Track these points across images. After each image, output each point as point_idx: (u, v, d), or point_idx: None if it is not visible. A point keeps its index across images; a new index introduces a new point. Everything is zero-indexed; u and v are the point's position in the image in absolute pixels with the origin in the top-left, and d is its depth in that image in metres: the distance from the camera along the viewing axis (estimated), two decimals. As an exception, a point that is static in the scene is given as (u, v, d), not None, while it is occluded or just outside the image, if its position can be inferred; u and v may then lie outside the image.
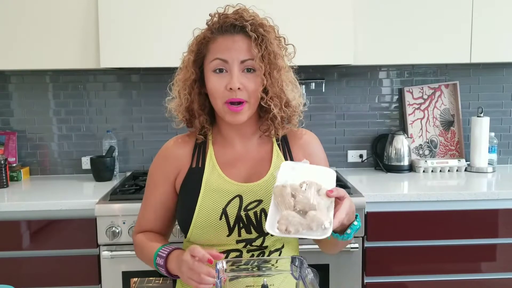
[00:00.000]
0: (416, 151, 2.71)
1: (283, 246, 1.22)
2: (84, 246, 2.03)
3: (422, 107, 2.71)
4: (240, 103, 1.14)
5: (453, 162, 2.59)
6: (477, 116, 2.58)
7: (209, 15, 1.19)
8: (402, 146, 2.59)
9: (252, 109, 1.18)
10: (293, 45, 1.24)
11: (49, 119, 2.63)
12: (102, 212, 2.00)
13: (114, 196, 2.07)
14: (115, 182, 2.43)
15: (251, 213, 1.16)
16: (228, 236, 1.16)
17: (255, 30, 1.14)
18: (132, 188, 2.20)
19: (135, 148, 2.67)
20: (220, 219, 1.15)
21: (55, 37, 2.22)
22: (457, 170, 2.59)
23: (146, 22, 2.17)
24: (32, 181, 2.52)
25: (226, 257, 1.16)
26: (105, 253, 1.99)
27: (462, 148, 2.69)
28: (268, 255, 1.19)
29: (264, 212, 1.16)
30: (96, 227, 2.00)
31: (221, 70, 1.14)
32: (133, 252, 1.97)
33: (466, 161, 2.62)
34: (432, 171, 2.57)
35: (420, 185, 2.34)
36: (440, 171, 2.57)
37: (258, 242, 1.17)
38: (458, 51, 2.33)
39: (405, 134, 2.62)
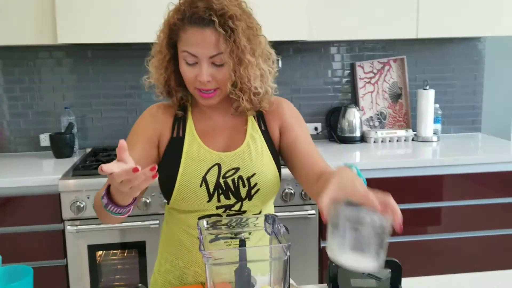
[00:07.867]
0: (367, 123, 2.85)
1: (260, 212, 1.30)
2: (48, 221, 2.05)
3: (372, 81, 2.84)
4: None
5: (401, 133, 2.74)
6: (423, 89, 2.73)
7: None
8: (354, 118, 2.72)
9: (224, 93, 1.23)
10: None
11: (0, 97, 2.58)
12: (66, 187, 2.02)
13: (77, 171, 2.09)
14: (75, 159, 2.43)
15: (229, 180, 1.24)
16: (208, 202, 1.24)
17: (224, 24, 1.13)
18: (94, 163, 2.22)
19: (94, 124, 2.67)
20: (201, 186, 1.22)
21: (10, 13, 2.18)
22: (405, 140, 2.74)
23: (104, -2, 2.16)
24: (-11, 160, 2.49)
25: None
26: (69, 228, 2.03)
27: (409, 119, 2.85)
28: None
29: (241, 179, 1.24)
30: (60, 202, 2.03)
31: (191, 61, 1.18)
32: (98, 226, 2.04)
33: (413, 131, 2.78)
34: (382, 141, 2.72)
35: (371, 155, 2.48)
36: (389, 141, 2.72)
37: (236, 207, 1.25)
38: (405, 27, 2.45)
39: (357, 107, 2.75)
